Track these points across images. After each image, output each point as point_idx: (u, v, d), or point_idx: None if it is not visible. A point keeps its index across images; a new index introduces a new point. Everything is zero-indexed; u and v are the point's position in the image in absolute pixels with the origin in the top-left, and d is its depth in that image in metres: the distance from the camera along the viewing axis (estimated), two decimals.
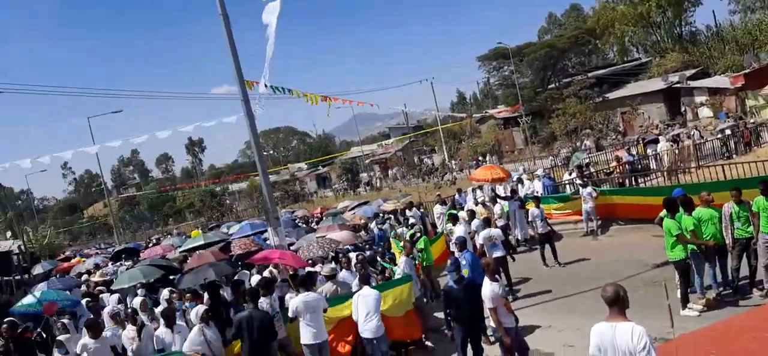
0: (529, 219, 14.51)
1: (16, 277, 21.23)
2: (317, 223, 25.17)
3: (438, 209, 19.32)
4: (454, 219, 14.10)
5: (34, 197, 76.85)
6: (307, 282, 8.79)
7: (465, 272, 9.03)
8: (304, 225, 25.51)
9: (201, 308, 8.65)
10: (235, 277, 12.41)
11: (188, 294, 10.78)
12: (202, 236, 19.43)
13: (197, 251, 15.47)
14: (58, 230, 50.63)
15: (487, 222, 13.05)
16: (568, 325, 9.29)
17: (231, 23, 11.42)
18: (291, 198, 60.02)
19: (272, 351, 8.10)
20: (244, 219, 41.75)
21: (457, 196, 24.16)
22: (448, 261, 8.38)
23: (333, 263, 11.39)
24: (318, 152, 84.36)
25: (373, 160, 71.60)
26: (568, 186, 18.81)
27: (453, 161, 51.73)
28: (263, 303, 8.80)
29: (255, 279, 11.71)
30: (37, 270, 24.17)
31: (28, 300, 12.86)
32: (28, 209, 68.14)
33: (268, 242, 16.01)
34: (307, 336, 8.29)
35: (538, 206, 14.09)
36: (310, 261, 12.47)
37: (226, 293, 11.05)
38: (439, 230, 17.16)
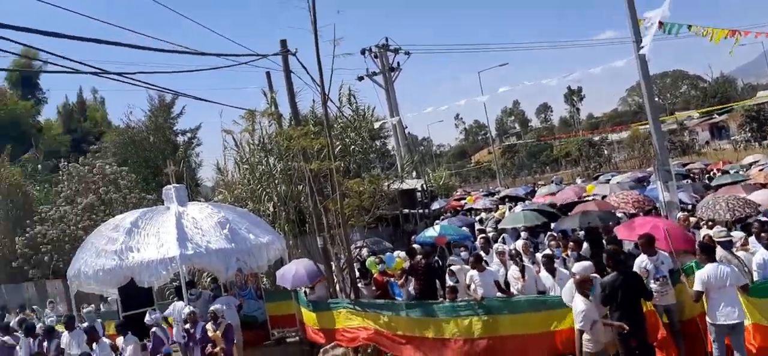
0: None
1: (419, 211, 24.79)
2: (709, 180, 21.95)
3: None
4: None
5: (432, 143, 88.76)
6: (709, 251, 7.35)
7: None
8: (695, 181, 22.51)
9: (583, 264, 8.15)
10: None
11: (571, 244, 10.61)
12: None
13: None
14: (451, 172, 57.30)
15: None
16: None
17: None
18: (678, 149, 54.04)
19: (640, 314, 7.23)
20: (624, 171, 39.51)
21: None
22: None
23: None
24: (713, 99, 73.24)
25: None
26: None
27: None
28: (646, 263, 7.93)
29: None
30: (435, 205, 27.87)
31: (430, 232, 14.76)
32: (428, 154, 78.99)
33: (655, 194, 14.60)
34: (714, 313, 7.05)
35: None
36: (709, 223, 10.77)
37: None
38: None
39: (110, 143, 31.70)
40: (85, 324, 10.73)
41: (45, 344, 10.41)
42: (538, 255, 10.41)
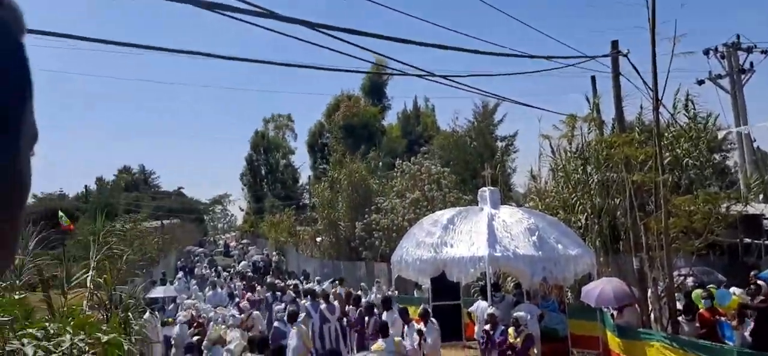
0: None
1: (766, 242, 20.61)
2: None
3: None
4: None
5: None
6: None
7: None
8: None
9: None
10: None
11: None
12: None
13: None
14: None
15: None
16: None
17: None
18: None
19: None
20: None
21: None
22: None
23: None
24: None
25: None
26: None
27: None
28: None
29: None
30: None
31: None
32: None
33: None
34: None
35: None
36: None
37: None
38: None
39: (437, 146, 34.69)
40: (400, 307, 11.94)
41: (366, 318, 11.90)
42: None
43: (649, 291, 10.40)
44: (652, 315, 10.33)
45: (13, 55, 0.42)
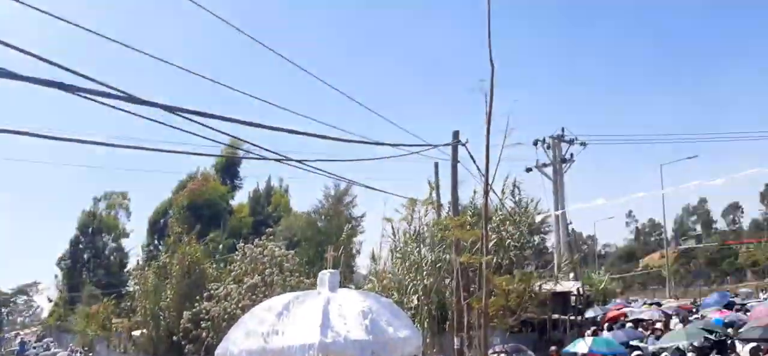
0: None
1: (571, 317, 22.60)
2: None
3: None
4: None
5: (596, 242, 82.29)
6: None
7: None
8: None
9: None
10: None
11: None
12: None
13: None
14: (613, 276, 52.21)
15: None
16: None
17: None
18: None
19: None
20: None
21: None
22: None
23: None
24: None
25: None
26: None
27: None
28: None
29: None
30: (589, 313, 25.21)
31: (581, 346, 13.31)
32: (591, 254, 73.39)
33: None
34: None
35: None
36: None
37: None
38: None
39: (285, 226, 33.68)
40: None
41: None
42: None
43: None
44: None
45: None
